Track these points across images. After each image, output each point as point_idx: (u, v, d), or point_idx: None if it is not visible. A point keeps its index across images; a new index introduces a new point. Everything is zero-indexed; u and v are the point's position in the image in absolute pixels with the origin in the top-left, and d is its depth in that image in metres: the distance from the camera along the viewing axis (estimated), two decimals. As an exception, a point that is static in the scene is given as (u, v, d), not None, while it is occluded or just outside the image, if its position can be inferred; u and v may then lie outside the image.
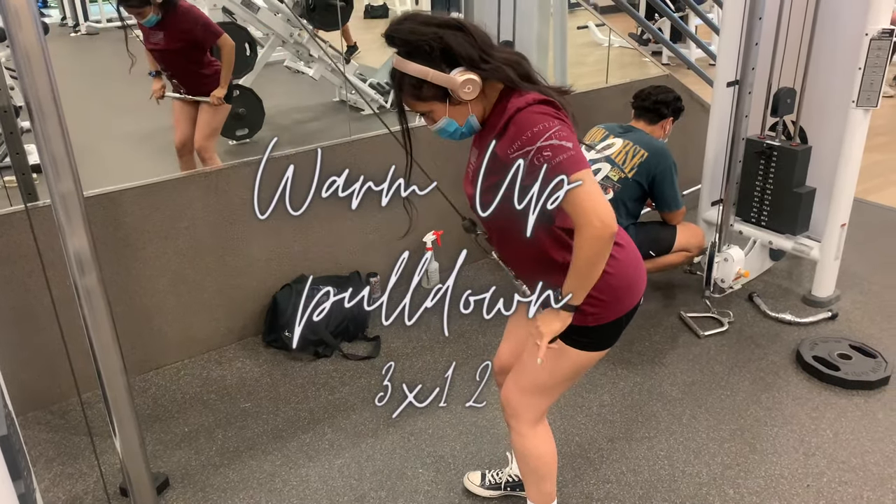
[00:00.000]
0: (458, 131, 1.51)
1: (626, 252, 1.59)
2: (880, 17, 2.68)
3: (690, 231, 3.07)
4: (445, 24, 1.41)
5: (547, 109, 1.42)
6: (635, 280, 1.61)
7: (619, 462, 2.30)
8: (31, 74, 1.55)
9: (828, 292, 3.16)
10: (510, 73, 1.43)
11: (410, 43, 1.41)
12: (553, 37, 4.76)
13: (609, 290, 1.55)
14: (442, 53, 1.39)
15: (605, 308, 1.56)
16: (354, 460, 2.34)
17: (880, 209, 4.14)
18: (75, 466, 2.33)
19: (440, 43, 1.39)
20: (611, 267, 1.51)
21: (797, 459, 2.29)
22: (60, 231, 1.69)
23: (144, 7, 3.18)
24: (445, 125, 1.50)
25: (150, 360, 2.82)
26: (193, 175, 2.76)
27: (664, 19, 7.24)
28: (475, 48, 1.41)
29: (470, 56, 1.41)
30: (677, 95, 3.04)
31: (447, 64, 1.41)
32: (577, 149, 1.40)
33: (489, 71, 1.42)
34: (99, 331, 1.81)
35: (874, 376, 2.61)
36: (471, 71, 1.41)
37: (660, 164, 2.84)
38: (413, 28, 1.39)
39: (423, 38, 1.38)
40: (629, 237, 1.64)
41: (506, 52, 1.46)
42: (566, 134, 1.39)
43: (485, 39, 1.44)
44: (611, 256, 1.51)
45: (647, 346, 2.91)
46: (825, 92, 3.02)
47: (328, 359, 2.87)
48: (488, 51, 1.43)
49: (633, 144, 2.88)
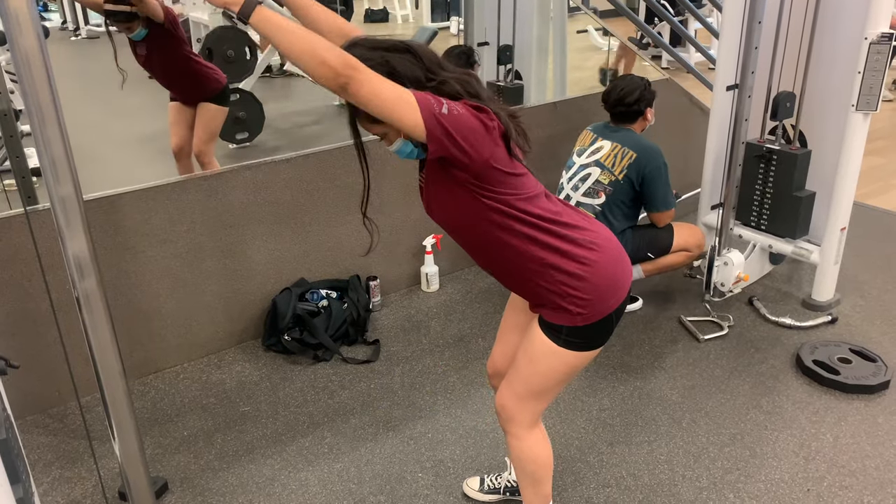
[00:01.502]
0: (413, 151, 1.53)
1: (603, 253, 1.59)
2: (879, 21, 2.68)
3: (689, 230, 3.05)
4: (392, 47, 1.45)
5: (471, 104, 1.44)
6: (619, 278, 1.61)
7: (619, 466, 2.30)
8: (31, 78, 1.55)
9: (828, 296, 3.16)
10: (458, 88, 1.45)
11: None
12: (553, 41, 4.77)
13: (592, 290, 1.56)
14: (390, 76, 1.40)
15: (592, 307, 1.57)
16: (354, 464, 2.34)
17: (880, 213, 4.14)
18: (74, 470, 2.33)
19: (386, 66, 1.41)
20: (586, 271, 1.54)
21: (797, 464, 2.29)
22: (60, 234, 1.69)
23: (132, 21, 3.19)
24: (401, 146, 1.52)
25: (149, 364, 2.81)
26: (193, 178, 2.77)
27: (664, 23, 7.25)
28: (421, 69, 1.44)
29: (416, 77, 1.43)
30: (640, 85, 2.92)
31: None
32: (453, 106, 1.39)
33: (434, 88, 1.44)
34: (98, 334, 1.80)
35: (874, 380, 2.60)
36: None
37: (650, 164, 2.83)
38: (361, 54, 1.40)
39: (370, 63, 1.39)
40: (610, 236, 1.64)
41: (456, 71, 1.49)
42: (461, 108, 1.40)
43: (433, 59, 1.47)
44: (582, 262, 1.55)
45: (647, 350, 2.91)
46: (825, 96, 3.02)
47: (327, 363, 2.87)
48: (435, 70, 1.46)
49: (621, 146, 2.87)
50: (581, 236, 1.57)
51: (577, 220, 1.59)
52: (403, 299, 3.31)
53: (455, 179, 1.48)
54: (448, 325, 3.11)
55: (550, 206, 1.56)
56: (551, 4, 4.67)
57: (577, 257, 1.55)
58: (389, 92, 1.35)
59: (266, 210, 2.90)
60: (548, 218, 1.54)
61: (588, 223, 1.61)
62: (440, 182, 1.52)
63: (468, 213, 1.53)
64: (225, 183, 2.78)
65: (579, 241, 1.56)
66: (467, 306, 3.26)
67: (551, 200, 1.58)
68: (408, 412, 2.58)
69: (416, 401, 2.64)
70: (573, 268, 1.55)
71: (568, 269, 1.55)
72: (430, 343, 2.99)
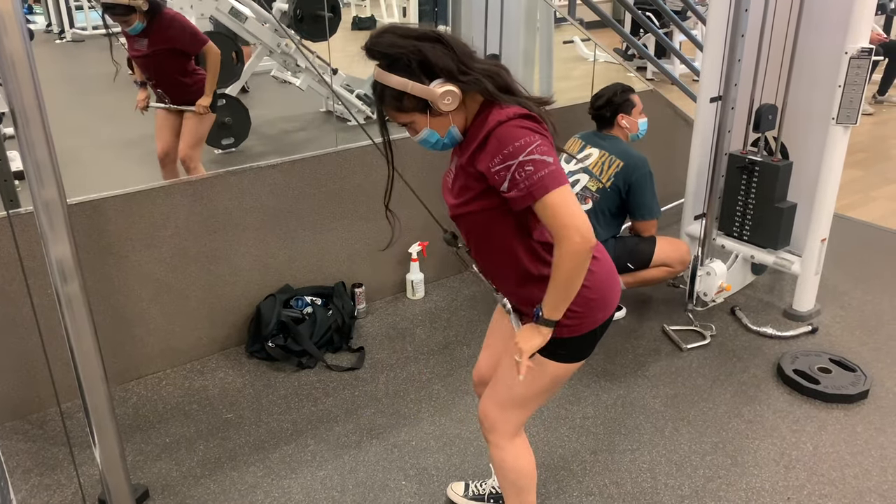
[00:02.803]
0: (439, 142, 1.53)
1: (602, 265, 1.61)
2: (859, 36, 2.73)
3: (671, 245, 3.04)
4: (424, 36, 1.43)
5: (528, 124, 1.44)
6: (609, 292, 1.62)
7: (602, 474, 2.31)
8: (16, 81, 1.54)
9: (808, 306, 3.19)
10: (488, 84, 1.45)
11: (390, 56, 1.43)
12: (539, 51, 4.80)
13: (584, 303, 1.56)
14: (421, 65, 1.41)
15: (581, 320, 1.58)
16: (337, 472, 2.33)
17: (860, 225, 4.19)
18: (53, 477, 2.30)
19: (419, 55, 1.41)
20: (587, 280, 1.53)
21: (778, 472, 2.31)
22: (43, 238, 1.68)
23: (130, 15, 3.17)
24: (427, 136, 1.51)
25: (131, 370, 2.79)
26: (178, 183, 2.75)
27: (649, 35, 7.32)
28: (454, 60, 1.43)
29: (448, 68, 1.42)
30: (611, 91, 2.97)
31: (427, 76, 1.43)
32: (557, 163, 1.42)
33: (467, 83, 1.44)
34: (80, 339, 1.79)
35: (853, 390, 2.64)
36: (450, 82, 1.43)
37: (636, 172, 2.86)
38: (392, 41, 1.41)
39: (402, 50, 1.40)
40: (604, 249, 1.66)
41: (486, 63, 1.48)
42: (547, 149, 1.42)
43: (464, 51, 1.46)
44: (589, 270, 1.54)
45: (631, 359, 2.92)
46: (806, 109, 3.07)
47: (311, 370, 2.86)
48: (467, 62, 1.44)
49: (608, 154, 2.90)
50: None
51: None
52: (388, 306, 3.31)
53: (486, 192, 1.49)
54: (433, 333, 3.11)
55: None
56: (538, 15, 4.71)
57: None
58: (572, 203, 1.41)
59: (251, 216, 2.89)
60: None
61: None
62: (469, 187, 1.52)
63: (486, 219, 1.53)
64: (210, 188, 2.77)
65: None
66: (452, 314, 3.26)
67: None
68: (392, 420, 2.58)
69: (401, 408, 2.64)
70: None
71: None
72: (414, 350, 2.99)
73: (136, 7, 3.15)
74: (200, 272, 2.83)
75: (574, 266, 1.42)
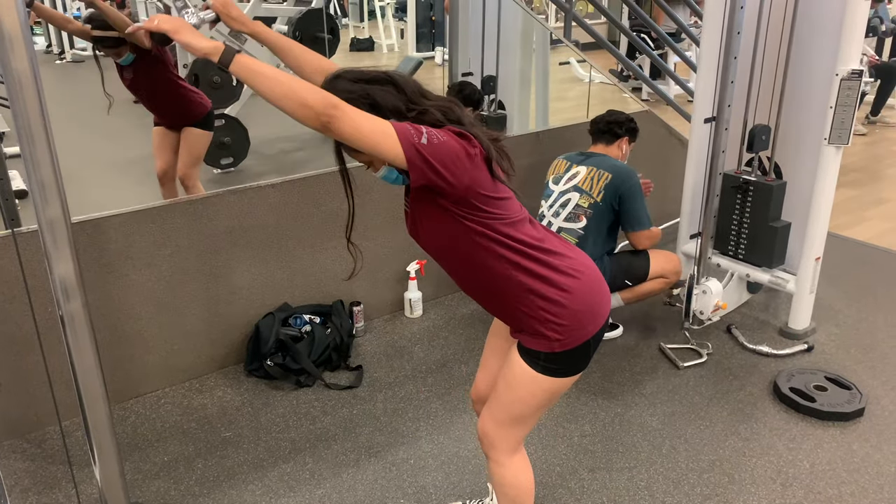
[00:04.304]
0: (399, 178, 1.56)
1: (582, 281, 1.62)
2: (850, 58, 2.78)
3: (665, 257, 3.10)
4: (374, 79, 1.49)
5: (447, 130, 1.47)
6: (596, 304, 1.64)
7: (600, 492, 2.31)
8: (22, 101, 1.57)
9: (804, 325, 3.21)
10: (438, 115, 1.50)
11: (343, 101, 1.46)
12: (535, 72, 4.86)
13: (570, 316, 1.58)
14: (372, 108, 1.45)
15: (570, 333, 1.59)
16: (335, 490, 2.33)
17: (854, 244, 4.23)
18: (52, 496, 2.30)
19: (369, 99, 1.46)
20: (566, 298, 1.57)
21: (774, 490, 2.31)
22: (47, 256, 1.70)
23: (120, 47, 3.22)
24: (387, 173, 1.55)
25: (130, 388, 2.79)
26: (178, 203, 2.78)
27: (644, 57, 7.41)
28: (401, 100, 1.49)
29: (396, 107, 1.48)
30: (629, 117, 3.12)
31: (379, 116, 1.46)
32: (433, 134, 1.43)
33: (416, 118, 1.48)
34: (82, 357, 1.80)
35: (849, 408, 2.65)
36: (402, 121, 1.47)
37: (625, 182, 2.89)
38: (344, 87, 1.46)
39: (352, 95, 1.44)
40: (590, 263, 1.67)
41: (438, 99, 1.54)
42: (440, 135, 1.44)
43: (414, 89, 1.52)
44: (562, 289, 1.58)
45: (628, 377, 2.94)
46: (799, 129, 3.11)
47: (310, 388, 2.86)
48: (416, 100, 1.51)
49: (596, 169, 2.93)
50: (562, 263, 1.60)
51: (559, 246, 1.63)
52: (387, 325, 3.32)
53: (439, 205, 1.51)
54: (431, 351, 3.13)
55: (534, 231, 1.60)
56: (534, 37, 4.77)
57: (557, 283, 1.58)
58: (370, 126, 1.39)
59: (250, 235, 2.91)
60: (530, 244, 1.57)
61: (569, 250, 1.64)
62: (425, 207, 1.55)
63: (452, 237, 1.56)
64: (209, 207, 2.80)
65: (560, 267, 1.59)
66: (450, 332, 3.28)
67: (535, 226, 1.62)
68: (390, 438, 2.58)
69: (399, 427, 2.64)
70: (553, 294, 1.57)
71: (548, 294, 1.57)
72: (412, 369, 3.00)
73: (125, 39, 3.19)
74: (199, 291, 2.85)
75: (289, 94, 1.34)
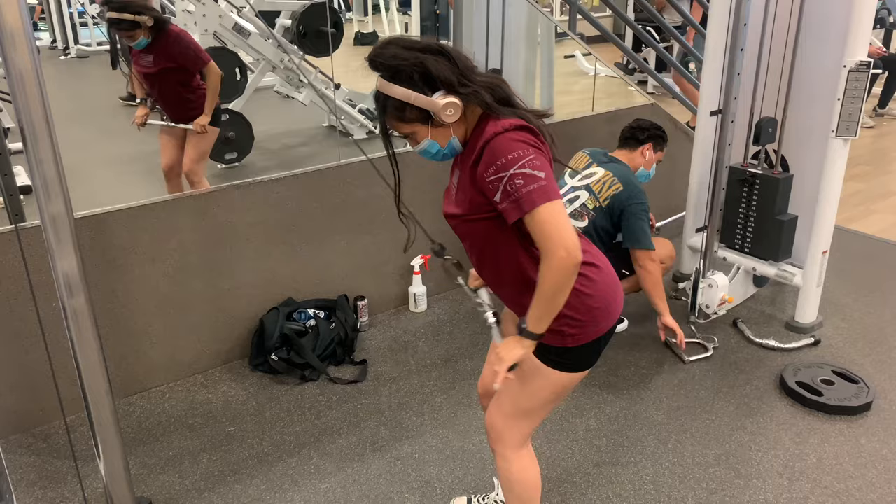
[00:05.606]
0: (440, 153, 1.55)
1: (603, 274, 1.62)
2: (857, 49, 2.75)
3: (659, 244, 3.02)
4: (427, 48, 1.46)
5: (523, 136, 1.46)
6: (612, 301, 1.63)
7: (605, 487, 2.30)
8: (24, 97, 1.56)
9: (811, 318, 3.19)
10: (487, 97, 1.47)
11: (393, 67, 1.45)
12: (540, 66, 4.84)
13: (587, 312, 1.57)
14: (423, 77, 1.44)
15: (584, 329, 1.58)
16: (340, 485, 2.33)
17: (861, 237, 4.20)
18: (57, 491, 2.31)
19: (421, 67, 1.43)
20: (588, 288, 1.56)
21: (781, 484, 2.30)
22: (50, 252, 1.69)
23: (135, 30, 3.21)
24: (428, 146, 1.53)
25: (135, 383, 2.80)
26: (182, 198, 2.77)
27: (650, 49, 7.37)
28: (454, 73, 1.46)
29: (449, 80, 1.45)
30: (655, 124, 3.08)
31: (428, 87, 1.45)
32: (550, 178, 1.44)
33: (468, 94, 1.46)
34: (86, 352, 1.80)
35: (856, 402, 2.63)
36: (451, 94, 1.45)
37: (630, 200, 2.83)
38: (395, 53, 1.43)
39: (404, 62, 1.42)
40: (607, 260, 1.67)
41: (485, 76, 1.51)
42: (539, 163, 1.43)
43: (465, 64, 1.49)
44: (587, 278, 1.56)
45: (633, 372, 2.93)
46: (806, 122, 3.09)
47: (314, 383, 2.86)
48: (468, 75, 1.47)
49: (612, 176, 2.89)
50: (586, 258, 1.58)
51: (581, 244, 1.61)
52: (391, 319, 3.32)
53: (486, 203, 1.50)
54: (436, 346, 3.12)
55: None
56: (539, 30, 4.75)
57: (578, 280, 1.56)
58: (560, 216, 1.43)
59: (254, 229, 2.91)
60: None
61: (588, 247, 1.63)
62: (470, 199, 1.53)
63: (488, 229, 1.55)
64: (214, 202, 2.79)
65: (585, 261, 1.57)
66: (455, 327, 3.27)
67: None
68: (395, 432, 2.58)
69: (403, 421, 2.64)
70: (579, 286, 1.55)
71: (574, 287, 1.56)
72: (417, 363, 2.99)
73: (141, 23, 3.19)
74: (204, 285, 2.85)
75: (558, 280, 1.43)
